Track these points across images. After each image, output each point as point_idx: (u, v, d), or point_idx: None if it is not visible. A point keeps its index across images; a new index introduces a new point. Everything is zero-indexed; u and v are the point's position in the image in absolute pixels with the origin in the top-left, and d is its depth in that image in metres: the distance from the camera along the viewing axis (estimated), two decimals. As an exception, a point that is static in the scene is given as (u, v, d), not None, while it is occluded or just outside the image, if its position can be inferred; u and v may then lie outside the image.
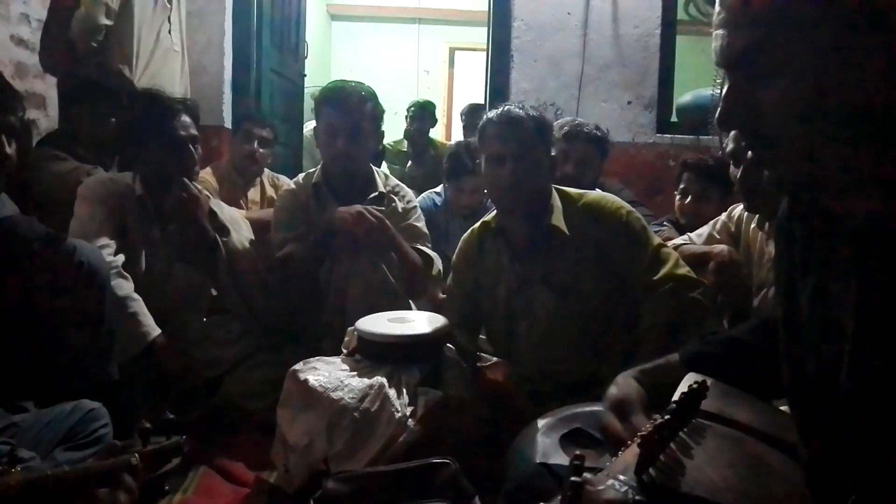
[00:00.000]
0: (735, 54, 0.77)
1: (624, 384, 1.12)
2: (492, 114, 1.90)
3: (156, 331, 1.95)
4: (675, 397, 0.97)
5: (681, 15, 3.93)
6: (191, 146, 2.14)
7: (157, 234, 2.17)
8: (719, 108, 0.80)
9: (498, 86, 4.00)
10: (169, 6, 3.26)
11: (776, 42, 0.72)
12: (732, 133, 1.93)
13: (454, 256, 2.12)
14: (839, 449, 0.78)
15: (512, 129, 1.83)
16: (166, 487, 1.20)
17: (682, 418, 0.94)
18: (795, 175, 0.79)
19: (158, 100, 2.17)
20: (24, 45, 3.01)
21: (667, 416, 0.90)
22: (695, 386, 0.97)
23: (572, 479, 0.81)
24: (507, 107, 1.89)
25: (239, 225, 2.38)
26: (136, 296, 1.96)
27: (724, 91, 0.79)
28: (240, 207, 3.29)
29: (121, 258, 2.01)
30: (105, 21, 2.94)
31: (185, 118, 2.15)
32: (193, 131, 2.17)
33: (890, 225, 0.72)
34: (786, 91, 0.73)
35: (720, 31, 0.78)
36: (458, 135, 6.09)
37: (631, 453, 0.89)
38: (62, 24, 2.93)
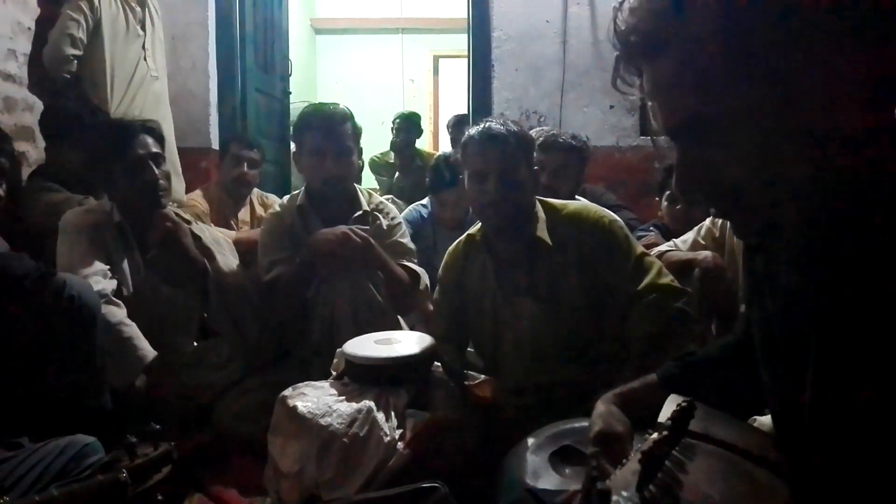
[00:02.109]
0: (677, 125, 0.76)
1: (607, 414, 1.11)
2: (473, 130, 1.92)
3: (152, 353, 1.97)
4: (663, 417, 0.97)
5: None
6: (152, 163, 2.16)
7: (139, 259, 2.19)
8: (675, 177, 0.79)
9: (480, 96, 4.04)
10: (142, 33, 3.31)
11: (716, 111, 0.72)
12: None
13: (440, 270, 2.13)
14: (819, 465, 0.79)
15: (493, 146, 1.84)
16: (159, 497, 1.19)
17: (676, 437, 0.94)
18: (759, 222, 0.78)
19: (116, 125, 2.24)
20: (11, 79, 3.04)
21: (665, 433, 0.91)
22: (685, 405, 0.97)
23: (598, 486, 0.83)
24: (488, 123, 1.91)
25: (222, 247, 2.40)
26: (129, 321, 1.99)
27: (676, 159, 0.78)
28: (230, 228, 3.32)
29: (112, 284, 2.03)
30: (72, 51, 3.02)
31: (145, 138, 2.18)
32: (155, 149, 2.20)
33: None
34: (737, 152, 0.73)
35: (654, 103, 0.78)
36: (445, 143, 6.12)
37: (630, 470, 0.89)
38: (41, 57, 3.02)
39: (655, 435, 0.92)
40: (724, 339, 1.21)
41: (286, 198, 2.50)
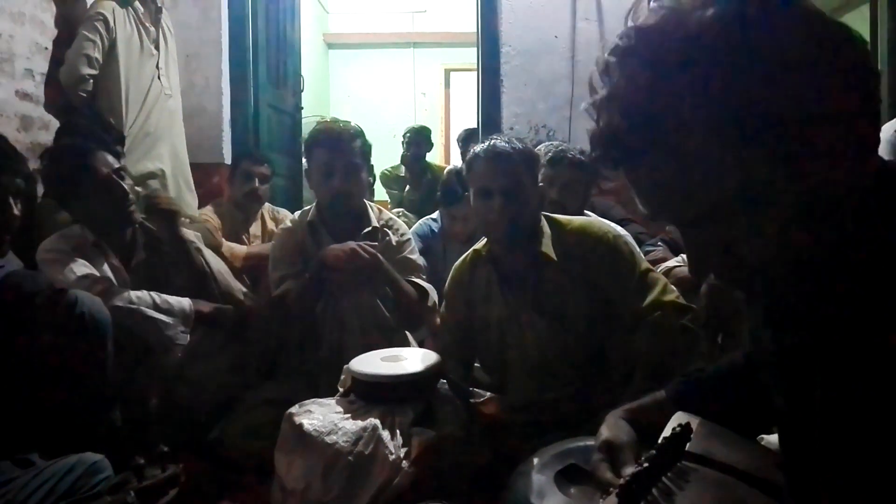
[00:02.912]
0: (685, 220, 0.77)
1: (613, 425, 1.12)
2: (478, 148, 1.93)
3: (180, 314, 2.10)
4: (660, 440, 0.97)
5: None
6: (113, 180, 2.16)
7: (125, 274, 2.20)
8: (688, 264, 0.81)
9: (489, 111, 4.05)
10: (156, 52, 3.36)
11: (723, 209, 0.71)
12: None
13: (446, 285, 2.13)
14: (827, 487, 0.78)
15: (498, 163, 1.86)
16: None
17: (665, 463, 0.94)
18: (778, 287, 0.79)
19: (69, 149, 2.21)
20: (28, 98, 3.11)
21: (645, 465, 0.90)
22: (678, 430, 0.97)
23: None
24: (493, 140, 1.92)
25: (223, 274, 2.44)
26: (137, 296, 2.04)
27: (687, 247, 0.79)
28: (242, 243, 3.36)
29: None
30: (88, 71, 3.06)
31: (104, 155, 2.19)
32: (114, 164, 2.20)
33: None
34: (755, 227, 0.72)
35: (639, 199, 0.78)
36: (456, 156, 6.14)
37: (611, 502, 0.89)
38: (57, 76, 3.08)
39: (632, 468, 0.91)
40: (732, 356, 1.21)
41: (298, 213, 2.52)
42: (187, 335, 2.11)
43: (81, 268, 2.05)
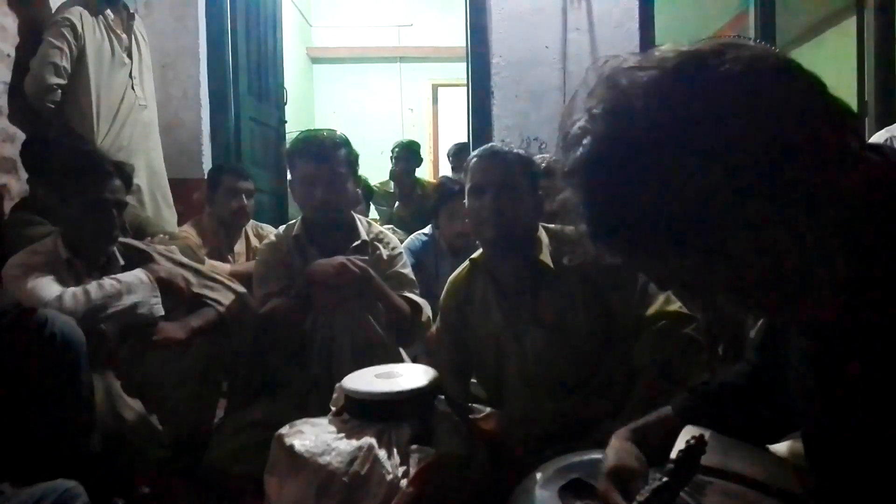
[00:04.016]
0: (672, 284, 0.79)
1: (620, 449, 1.09)
2: (477, 151, 1.97)
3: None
4: (673, 454, 0.94)
5: (659, 42, 3.96)
6: (114, 211, 2.10)
7: None
8: (701, 325, 0.82)
9: (480, 123, 4.00)
10: (129, 61, 3.25)
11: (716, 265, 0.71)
12: None
13: (441, 299, 2.08)
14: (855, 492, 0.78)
15: (493, 161, 1.88)
16: None
17: (683, 477, 0.91)
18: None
19: (90, 160, 2.15)
20: (-8, 110, 2.97)
21: (664, 480, 0.88)
22: (692, 442, 0.93)
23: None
24: (491, 144, 1.97)
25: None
26: (98, 286, 1.96)
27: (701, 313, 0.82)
28: (225, 261, 3.24)
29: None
30: (56, 80, 2.94)
31: (117, 182, 2.12)
32: (121, 197, 2.14)
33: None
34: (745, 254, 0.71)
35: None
36: (445, 172, 6.09)
37: None
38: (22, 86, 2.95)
39: (655, 478, 0.89)
40: (737, 366, 1.19)
41: (282, 228, 2.45)
42: (160, 303, 2.06)
43: (52, 286, 1.94)
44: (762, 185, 0.65)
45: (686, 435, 1.00)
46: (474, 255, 2.01)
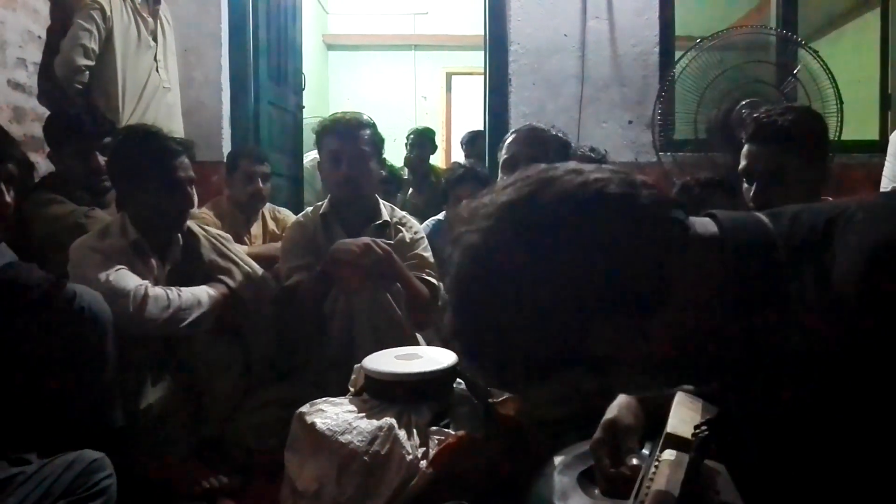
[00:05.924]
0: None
1: (623, 405, 1.11)
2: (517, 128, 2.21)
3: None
4: (672, 423, 0.95)
5: (679, 31, 3.94)
6: (188, 188, 2.10)
7: (159, 276, 2.10)
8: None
9: (497, 111, 3.98)
10: (154, 44, 3.29)
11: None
12: (745, 150, 1.91)
13: None
14: None
15: (531, 137, 2.15)
16: None
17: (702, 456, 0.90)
18: None
19: (157, 138, 2.12)
20: (21, 89, 3.00)
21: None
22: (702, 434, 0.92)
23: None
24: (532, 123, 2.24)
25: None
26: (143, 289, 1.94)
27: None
28: (243, 243, 3.25)
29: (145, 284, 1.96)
30: (84, 61, 2.99)
31: (185, 159, 2.11)
32: (191, 173, 2.13)
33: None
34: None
35: None
36: (457, 160, 6.07)
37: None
38: (52, 67, 3.01)
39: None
40: None
41: (310, 208, 2.53)
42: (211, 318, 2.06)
43: (129, 278, 1.95)
44: (606, 303, 0.69)
45: (680, 398, 1.00)
46: None
